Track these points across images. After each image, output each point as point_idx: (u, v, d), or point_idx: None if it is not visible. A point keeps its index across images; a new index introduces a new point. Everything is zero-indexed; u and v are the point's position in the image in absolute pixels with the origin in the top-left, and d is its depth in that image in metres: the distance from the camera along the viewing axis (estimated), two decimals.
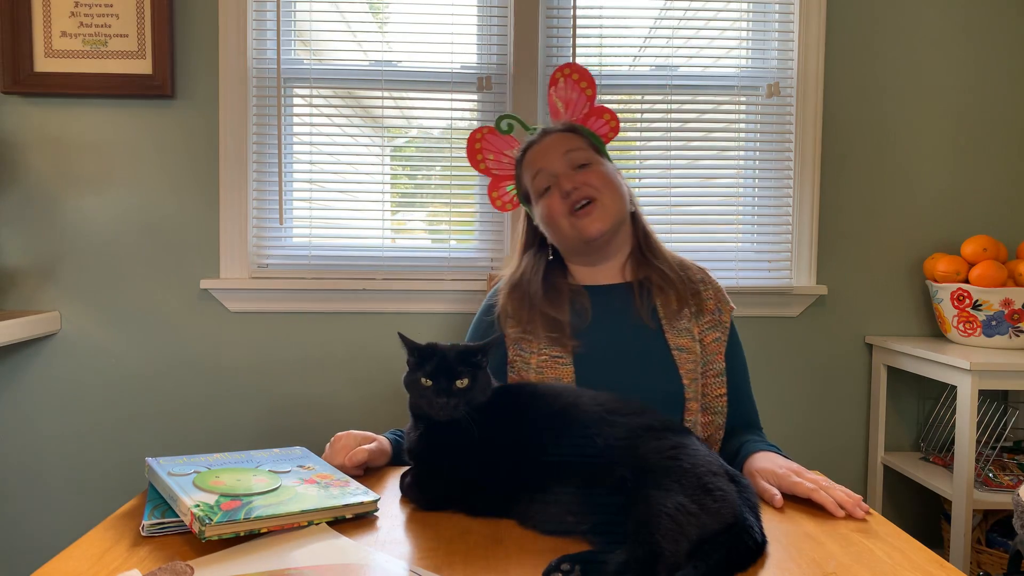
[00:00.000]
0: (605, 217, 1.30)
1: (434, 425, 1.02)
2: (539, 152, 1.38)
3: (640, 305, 1.32)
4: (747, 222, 2.20)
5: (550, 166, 1.34)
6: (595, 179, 1.32)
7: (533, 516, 0.94)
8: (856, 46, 2.16)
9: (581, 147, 1.36)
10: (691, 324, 1.32)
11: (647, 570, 0.75)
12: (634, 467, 0.90)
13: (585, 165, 1.33)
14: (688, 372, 1.27)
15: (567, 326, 1.29)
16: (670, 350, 1.28)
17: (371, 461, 1.14)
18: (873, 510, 1.03)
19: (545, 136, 1.40)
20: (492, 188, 1.56)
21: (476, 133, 1.55)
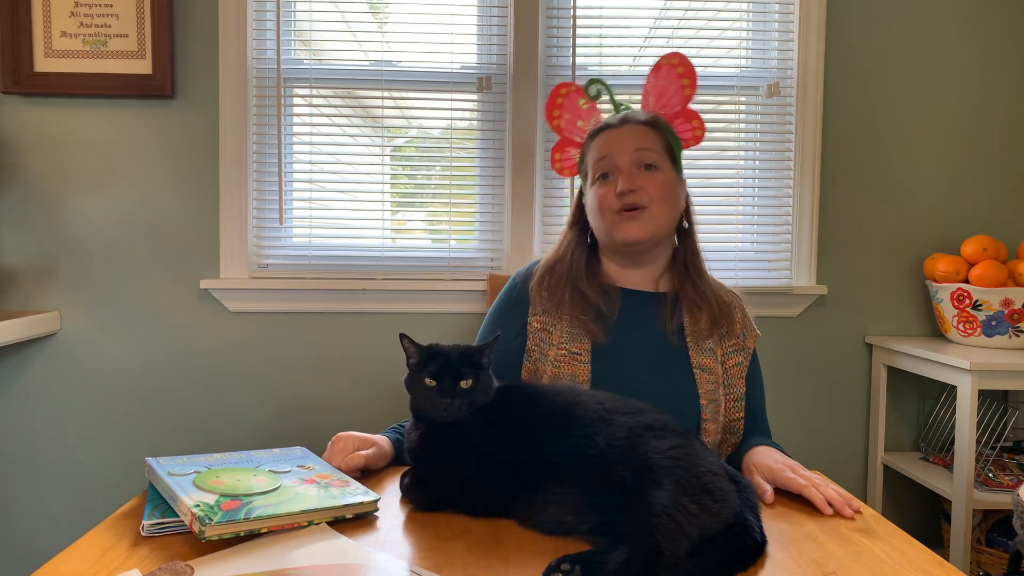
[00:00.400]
0: (649, 227, 1.28)
1: (435, 425, 1.02)
2: (612, 138, 1.33)
3: (668, 318, 1.30)
4: (747, 222, 2.20)
5: (617, 156, 1.30)
6: (653, 187, 1.28)
7: (533, 516, 0.94)
8: (856, 46, 2.16)
9: (654, 148, 1.32)
10: (715, 346, 1.31)
11: (647, 570, 0.75)
12: (634, 467, 0.90)
13: (650, 167, 1.30)
14: (707, 392, 1.26)
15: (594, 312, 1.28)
16: (692, 368, 1.27)
17: (370, 465, 1.14)
18: (872, 510, 1.03)
19: (624, 124, 1.35)
20: (557, 148, 1.54)
21: (562, 87, 1.53)
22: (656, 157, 1.31)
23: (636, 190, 1.27)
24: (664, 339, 1.29)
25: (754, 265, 2.18)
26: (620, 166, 1.30)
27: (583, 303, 1.29)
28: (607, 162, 1.31)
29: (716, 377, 1.29)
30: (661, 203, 1.29)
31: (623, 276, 1.36)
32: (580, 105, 1.52)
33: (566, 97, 1.53)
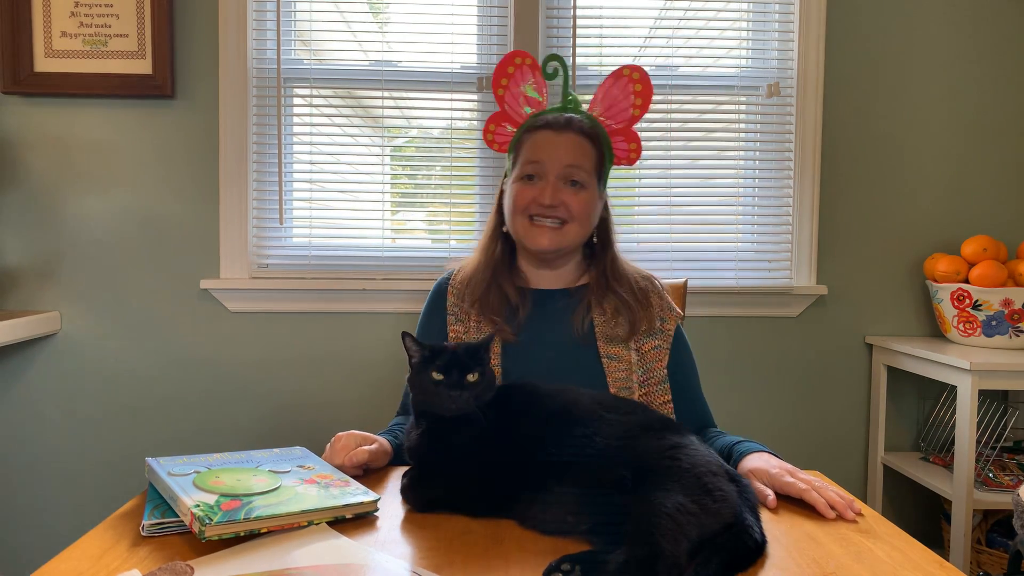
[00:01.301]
0: (560, 241, 1.31)
1: (437, 423, 1.02)
2: (550, 142, 1.33)
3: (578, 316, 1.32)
4: (747, 222, 2.20)
5: (549, 164, 1.31)
6: (576, 205, 1.31)
7: (533, 516, 0.94)
8: (856, 46, 2.16)
9: (586, 165, 1.33)
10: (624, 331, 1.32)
11: (647, 570, 0.75)
12: (633, 467, 0.90)
13: (577, 184, 1.31)
14: (617, 381, 1.28)
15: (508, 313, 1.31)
16: (600, 358, 1.29)
17: (371, 462, 1.14)
18: (872, 510, 1.03)
19: (566, 130, 1.34)
20: (493, 120, 1.45)
21: (516, 56, 1.42)
22: (585, 176, 1.32)
23: (558, 205, 1.30)
24: (572, 334, 1.31)
25: (754, 265, 2.18)
26: (548, 175, 1.31)
27: (500, 302, 1.32)
28: (537, 167, 1.32)
29: (627, 364, 1.29)
30: (578, 222, 1.32)
31: (536, 276, 1.39)
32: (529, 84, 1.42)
33: (518, 68, 1.41)
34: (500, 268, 1.37)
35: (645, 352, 1.32)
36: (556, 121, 1.35)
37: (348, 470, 1.10)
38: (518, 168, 1.35)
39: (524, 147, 1.36)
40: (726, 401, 2.16)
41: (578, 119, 1.36)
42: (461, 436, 1.01)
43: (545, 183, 1.31)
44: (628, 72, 1.40)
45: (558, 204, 1.29)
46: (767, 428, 2.18)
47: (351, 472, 1.10)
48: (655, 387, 1.31)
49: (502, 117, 1.45)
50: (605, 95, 1.41)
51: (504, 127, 1.45)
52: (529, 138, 1.36)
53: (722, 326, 2.17)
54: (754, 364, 2.19)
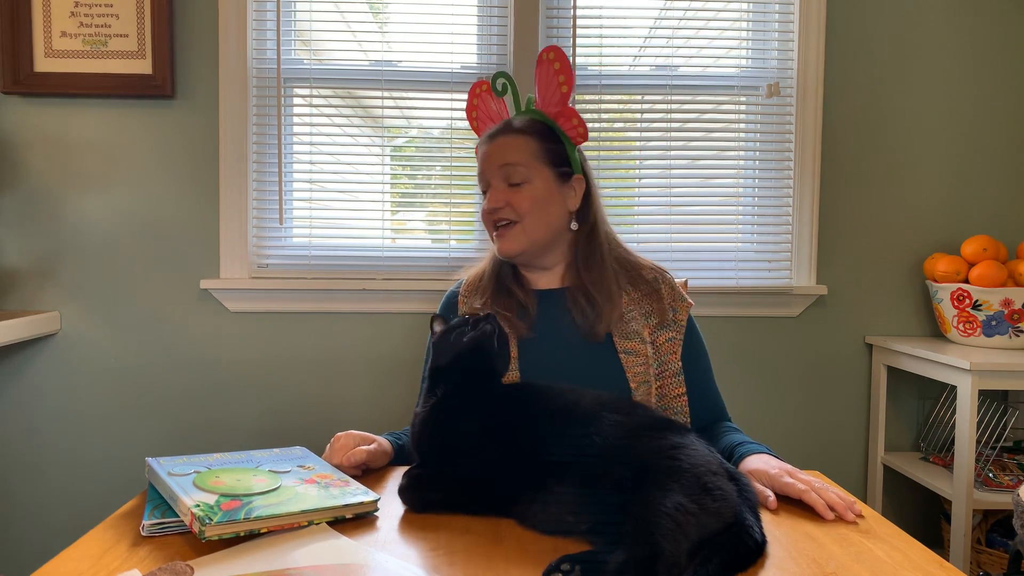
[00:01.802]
0: (521, 240, 1.32)
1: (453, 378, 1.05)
2: (486, 153, 1.36)
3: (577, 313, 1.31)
4: (747, 222, 2.20)
5: (489, 172, 1.35)
6: (522, 202, 1.31)
7: (533, 516, 0.94)
8: (856, 46, 2.16)
9: (522, 160, 1.32)
10: (641, 326, 1.31)
11: (647, 570, 0.75)
12: (633, 466, 0.90)
13: (517, 185, 1.32)
14: (636, 376, 1.27)
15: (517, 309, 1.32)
16: (617, 354, 1.28)
17: (370, 462, 1.14)
18: (872, 510, 1.03)
19: (495, 138, 1.37)
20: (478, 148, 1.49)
21: (477, 87, 1.48)
22: (524, 171, 1.32)
23: (502, 207, 1.32)
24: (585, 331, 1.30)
25: (754, 265, 2.18)
26: (492, 182, 1.35)
27: (511, 302, 1.34)
28: (483, 178, 1.37)
29: (645, 359, 1.29)
30: (531, 215, 1.32)
31: (533, 278, 1.40)
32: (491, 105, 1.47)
33: (479, 96, 1.48)
34: (506, 273, 1.39)
35: (660, 345, 1.32)
36: (491, 130, 1.39)
37: (347, 470, 1.10)
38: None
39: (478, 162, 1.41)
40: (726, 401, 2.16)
41: (508, 121, 1.40)
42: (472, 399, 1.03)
43: (492, 190, 1.34)
44: (546, 56, 1.39)
45: (503, 205, 1.32)
46: (767, 428, 2.18)
47: (350, 472, 1.10)
48: (670, 380, 1.31)
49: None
50: (539, 84, 1.41)
51: None
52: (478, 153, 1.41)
53: (722, 326, 2.17)
54: (754, 364, 2.19)
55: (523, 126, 1.37)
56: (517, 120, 1.38)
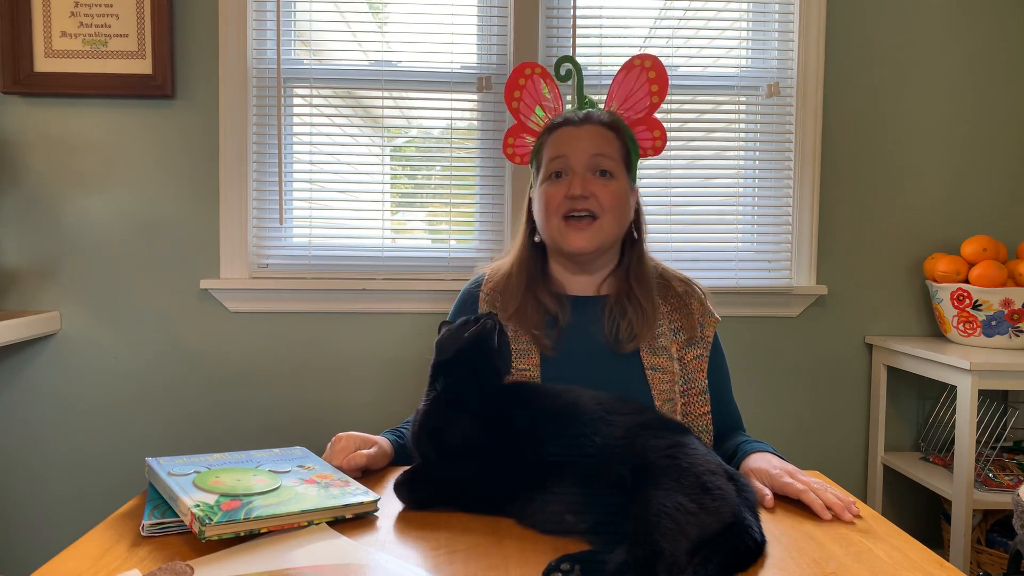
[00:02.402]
0: (596, 238, 1.25)
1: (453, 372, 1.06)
2: (571, 136, 1.29)
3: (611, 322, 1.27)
4: (747, 222, 2.20)
5: (573, 158, 1.27)
6: (607, 197, 1.25)
7: (532, 515, 0.94)
8: (856, 46, 2.16)
9: (612, 154, 1.29)
10: (669, 342, 1.28)
11: (647, 570, 0.75)
12: (633, 466, 0.90)
13: (606, 174, 1.27)
14: (662, 393, 1.24)
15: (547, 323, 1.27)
16: (644, 370, 1.25)
17: (371, 464, 1.14)
18: (872, 510, 1.03)
19: (585, 123, 1.31)
20: (512, 133, 1.43)
21: (526, 67, 1.39)
22: (613, 164, 1.28)
23: (588, 197, 1.24)
24: (613, 343, 1.26)
25: (754, 265, 2.18)
26: (575, 168, 1.26)
27: (538, 313, 1.27)
28: (562, 161, 1.28)
29: (671, 376, 1.25)
30: (611, 213, 1.26)
31: (570, 282, 1.33)
32: (543, 91, 1.41)
33: (529, 78, 1.40)
34: (535, 278, 1.32)
35: (687, 362, 1.29)
36: (574, 116, 1.32)
37: (347, 472, 1.10)
38: (543, 170, 1.31)
39: (546, 147, 1.32)
40: None
41: (596, 112, 1.34)
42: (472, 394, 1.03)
43: (573, 176, 1.26)
44: (639, 62, 1.37)
45: (588, 195, 1.24)
46: (767, 428, 2.18)
47: (350, 475, 1.10)
48: (695, 398, 1.28)
49: (520, 129, 1.42)
50: (619, 88, 1.38)
51: (523, 138, 1.42)
52: (549, 138, 1.33)
53: (722, 326, 2.15)
54: (754, 364, 2.19)
55: (612, 123, 1.32)
56: (604, 115, 1.33)
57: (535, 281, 1.31)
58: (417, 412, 1.08)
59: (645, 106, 1.37)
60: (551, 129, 1.34)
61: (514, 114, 1.42)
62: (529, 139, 1.41)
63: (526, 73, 1.40)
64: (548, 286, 1.32)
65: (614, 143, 1.30)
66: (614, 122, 1.33)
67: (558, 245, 1.28)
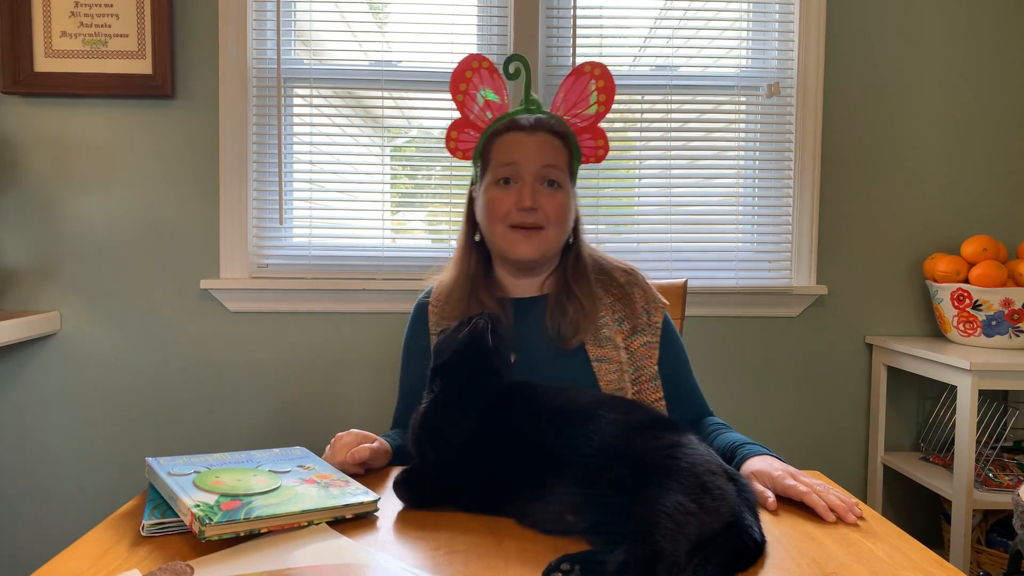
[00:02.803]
0: (542, 247, 1.27)
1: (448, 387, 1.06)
2: (522, 143, 1.29)
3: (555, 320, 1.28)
4: (747, 222, 2.20)
5: (524, 166, 1.27)
6: (554, 208, 1.27)
7: (532, 514, 0.94)
8: (856, 46, 2.16)
9: (561, 165, 1.30)
10: (614, 332, 1.29)
11: (647, 570, 0.75)
12: (632, 466, 0.90)
13: (554, 184, 1.28)
14: (609, 384, 1.25)
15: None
16: (590, 362, 1.26)
17: (372, 461, 1.14)
18: (872, 510, 1.03)
19: (537, 130, 1.30)
20: (456, 127, 1.38)
21: (473, 60, 1.34)
22: (560, 175, 1.29)
23: (537, 208, 1.25)
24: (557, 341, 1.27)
25: (754, 265, 2.18)
26: (525, 177, 1.27)
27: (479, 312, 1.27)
28: (512, 169, 1.28)
29: (618, 365, 1.27)
30: (557, 224, 1.28)
31: (514, 284, 1.35)
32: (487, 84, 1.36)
33: (476, 72, 1.35)
34: (477, 280, 1.33)
35: (635, 350, 1.30)
36: (525, 121, 1.31)
37: (349, 468, 1.10)
38: (491, 173, 1.30)
39: (495, 150, 1.31)
40: (726, 401, 2.17)
41: (546, 119, 1.33)
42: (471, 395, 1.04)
43: (522, 185, 1.26)
44: (589, 69, 1.35)
45: (538, 207, 1.26)
46: (767, 428, 2.18)
47: (352, 470, 1.10)
48: (646, 385, 1.29)
49: (464, 123, 1.39)
50: (567, 93, 1.36)
51: (467, 132, 1.39)
52: (499, 140, 1.31)
53: (722, 326, 2.17)
54: (754, 364, 2.19)
55: (559, 131, 1.32)
56: (552, 122, 1.32)
57: (477, 286, 1.32)
58: (416, 412, 1.08)
59: (591, 115, 1.36)
60: (500, 131, 1.32)
61: (459, 106, 1.37)
62: (473, 133, 1.38)
63: (473, 66, 1.36)
64: (491, 290, 1.33)
65: (562, 153, 1.31)
66: (565, 131, 1.33)
67: (504, 252, 1.30)
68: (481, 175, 1.34)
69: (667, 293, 1.61)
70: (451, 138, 1.39)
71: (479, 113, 1.36)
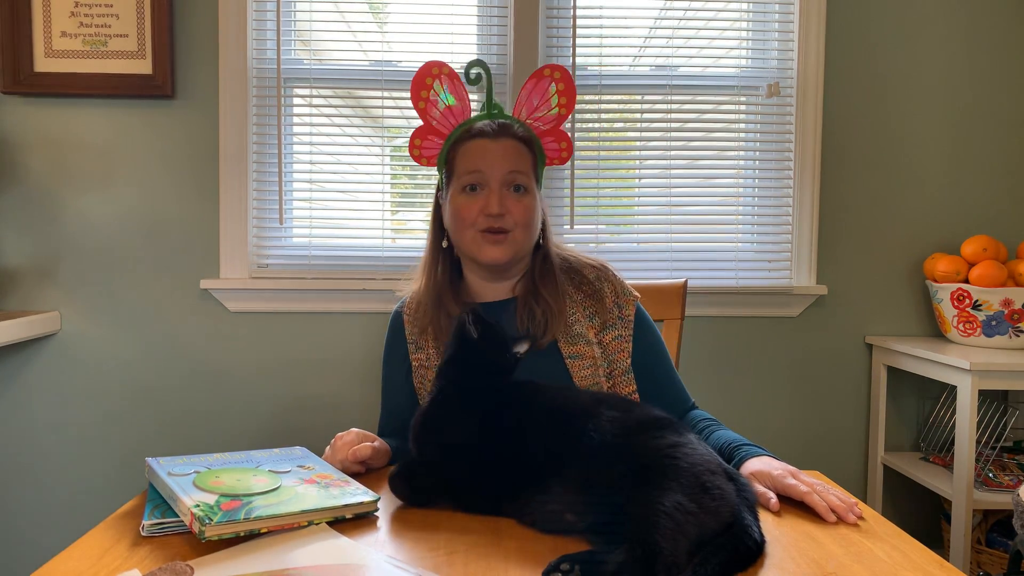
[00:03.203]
0: (510, 250, 1.28)
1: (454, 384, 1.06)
2: (487, 150, 1.29)
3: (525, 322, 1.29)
4: (747, 222, 2.20)
5: (490, 173, 1.28)
6: (520, 211, 1.28)
7: (532, 514, 0.94)
8: (856, 46, 2.16)
9: (526, 169, 1.30)
10: (585, 328, 1.30)
11: (646, 570, 0.75)
12: (632, 465, 0.90)
13: (520, 189, 1.29)
14: (584, 379, 1.26)
15: None
16: (563, 359, 1.27)
17: (372, 460, 1.14)
18: (872, 510, 1.03)
19: (501, 136, 1.31)
20: (419, 135, 1.37)
21: (433, 67, 1.34)
22: (526, 179, 1.29)
23: (504, 214, 1.26)
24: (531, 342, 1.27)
25: (754, 265, 2.18)
26: (491, 184, 1.27)
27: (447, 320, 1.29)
28: (478, 176, 1.28)
29: (592, 360, 1.28)
30: (524, 228, 1.29)
31: (485, 289, 1.35)
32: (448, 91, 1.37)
33: (436, 78, 1.36)
34: (443, 288, 1.34)
35: (607, 344, 1.31)
36: (489, 128, 1.31)
37: (350, 467, 1.10)
38: (456, 180, 1.31)
39: (459, 158, 1.32)
40: (726, 401, 2.17)
41: (509, 124, 1.33)
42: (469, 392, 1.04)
43: (489, 191, 1.27)
44: (549, 72, 1.36)
45: (505, 212, 1.26)
46: (767, 428, 2.18)
47: (353, 469, 1.10)
48: (620, 378, 1.30)
49: (427, 131, 1.38)
50: (528, 97, 1.37)
51: (431, 140, 1.39)
52: (463, 148, 1.32)
53: (722, 326, 2.17)
54: (754, 364, 2.19)
55: (523, 136, 1.33)
56: (516, 127, 1.33)
57: (444, 293, 1.33)
58: (417, 412, 1.08)
59: (554, 117, 1.36)
60: (465, 139, 1.33)
61: (421, 114, 1.38)
62: (436, 140, 1.38)
63: (433, 72, 1.36)
64: (458, 296, 1.34)
65: (527, 158, 1.32)
66: (529, 136, 1.34)
67: (474, 256, 1.30)
68: (447, 182, 1.34)
69: (667, 293, 1.61)
70: (415, 145, 1.38)
71: (441, 119, 1.36)
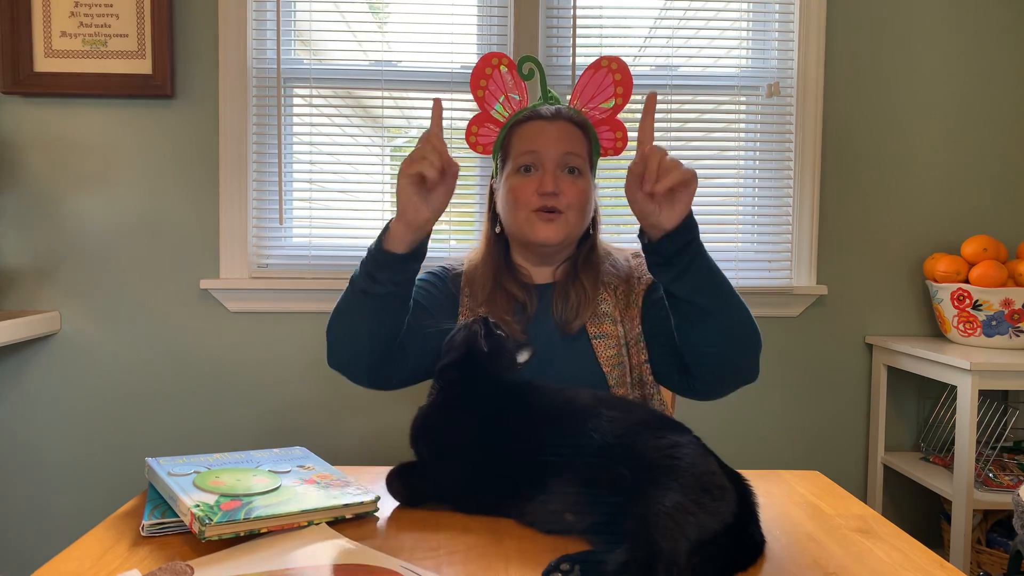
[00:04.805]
0: (563, 231, 1.28)
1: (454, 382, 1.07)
2: (542, 131, 1.31)
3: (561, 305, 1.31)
4: (747, 222, 2.20)
5: (545, 153, 1.29)
6: (575, 194, 1.28)
7: (532, 514, 0.94)
8: (856, 46, 2.16)
9: (581, 152, 1.32)
10: (611, 307, 1.31)
11: (646, 570, 0.75)
12: (632, 465, 0.90)
13: (574, 171, 1.30)
14: (609, 359, 1.27)
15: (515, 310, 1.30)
16: (590, 340, 1.28)
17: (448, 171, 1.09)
18: (872, 510, 1.03)
19: (556, 119, 1.32)
20: (476, 122, 1.40)
21: (493, 57, 1.36)
22: (581, 162, 1.30)
23: (558, 193, 1.27)
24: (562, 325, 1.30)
25: (754, 265, 2.18)
26: (546, 164, 1.28)
27: (508, 302, 1.31)
28: (533, 156, 1.29)
29: (616, 339, 1.29)
30: (577, 210, 1.29)
31: (531, 272, 1.37)
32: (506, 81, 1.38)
33: (496, 68, 1.38)
34: (501, 269, 1.36)
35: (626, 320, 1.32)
36: (545, 111, 1.33)
37: (429, 160, 1.05)
38: (511, 162, 1.32)
39: (515, 140, 1.34)
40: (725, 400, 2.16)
41: (566, 110, 1.35)
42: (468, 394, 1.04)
43: (543, 172, 1.28)
44: (607, 63, 1.36)
45: (558, 192, 1.27)
46: (767, 428, 2.18)
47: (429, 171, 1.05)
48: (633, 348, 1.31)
49: (484, 118, 1.40)
50: (585, 87, 1.38)
51: (487, 127, 1.40)
52: (519, 131, 1.34)
53: None
54: None
55: (578, 120, 1.34)
56: (574, 113, 1.34)
57: (501, 271, 1.35)
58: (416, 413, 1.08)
59: (609, 108, 1.37)
60: (520, 122, 1.34)
61: (479, 102, 1.39)
62: (492, 127, 1.40)
63: (492, 63, 1.38)
64: (514, 275, 1.36)
65: (582, 141, 1.33)
66: (584, 121, 1.35)
67: (525, 236, 1.31)
68: (501, 166, 1.36)
69: None
70: (471, 132, 1.40)
71: (498, 108, 1.39)
